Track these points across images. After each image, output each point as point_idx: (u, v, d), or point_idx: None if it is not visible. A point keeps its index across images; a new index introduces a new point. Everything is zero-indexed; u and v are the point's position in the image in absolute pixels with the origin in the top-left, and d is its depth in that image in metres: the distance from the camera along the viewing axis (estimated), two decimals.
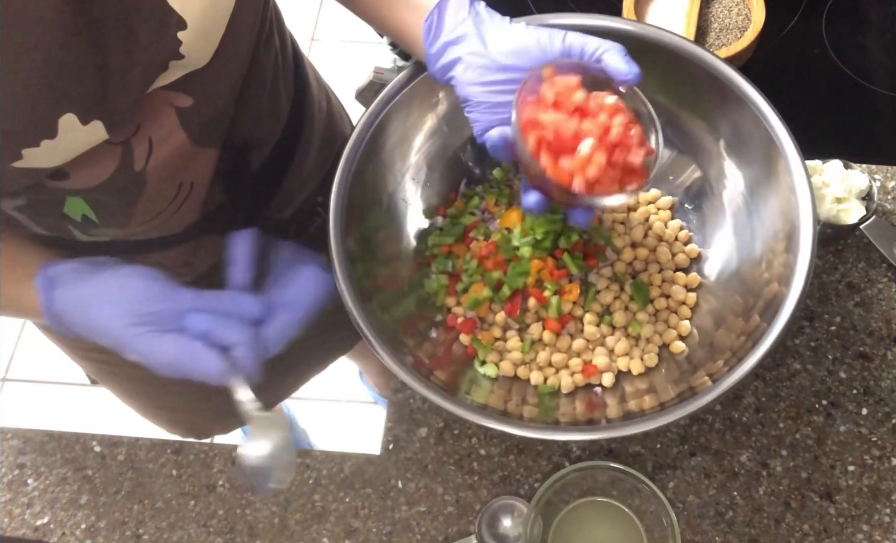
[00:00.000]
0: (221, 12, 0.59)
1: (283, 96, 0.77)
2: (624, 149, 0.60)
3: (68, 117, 0.53)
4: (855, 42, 1.03)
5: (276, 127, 0.77)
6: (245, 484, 0.81)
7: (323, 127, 0.88)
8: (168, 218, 0.70)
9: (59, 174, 0.59)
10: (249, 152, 0.73)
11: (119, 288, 0.60)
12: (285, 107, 0.78)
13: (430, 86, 0.76)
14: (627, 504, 0.73)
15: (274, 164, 0.78)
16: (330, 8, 2.18)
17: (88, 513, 0.81)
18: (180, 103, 0.62)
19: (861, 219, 0.82)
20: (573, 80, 0.61)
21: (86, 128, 0.55)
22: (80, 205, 0.64)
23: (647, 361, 0.74)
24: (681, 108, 0.75)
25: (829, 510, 0.76)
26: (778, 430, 0.79)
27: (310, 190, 0.86)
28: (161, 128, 0.62)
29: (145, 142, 0.61)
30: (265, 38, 0.70)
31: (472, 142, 0.83)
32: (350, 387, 1.73)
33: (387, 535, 0.78)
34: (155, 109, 0.61)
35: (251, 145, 0.73)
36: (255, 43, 0.68)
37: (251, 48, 0.67)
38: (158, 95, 0.60)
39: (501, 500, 0.76)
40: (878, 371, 0.80)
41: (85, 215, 0.65)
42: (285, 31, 0.79)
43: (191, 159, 0.66)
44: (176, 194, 0.68)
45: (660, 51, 0.72)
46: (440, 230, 0.82)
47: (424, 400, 0.82)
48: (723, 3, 1.02)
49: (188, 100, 0.62)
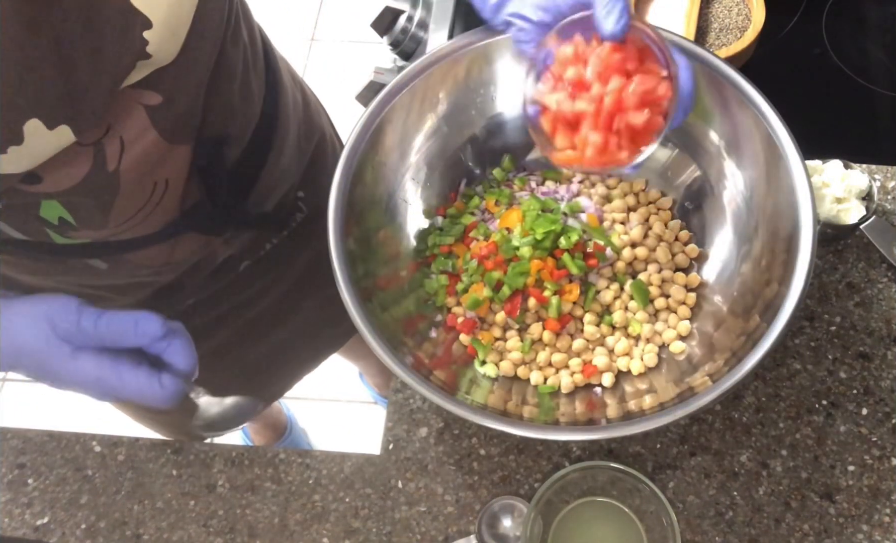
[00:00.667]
0: (187, 9, 0.59)
1: (255, 89, 0.76)
2: (623, 113, 0.59)
3: (33, 123, 0.52)
4: (855, 42, 1.03)
5: (249, 121, 0.76)
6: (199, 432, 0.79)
7: (299, 120, 0.88)
8: (145, 217, 0.69)
9: (32, 178, 0.58)
10: (223, 147, 0.73)
11: (31, 313, 0.59)
12: (258, 101, 0.77)
13: (431, 86, 0.76)
14: (627, 504, 0.73)
15: (250, 159, 0.78)
16: (330, 8, 2.18)
17: (88, 513, 0.81)
18: (149, 101, 0.61)
19: (861, 219, 0.82)
20: (567, 53, 0.60)
21: (52, 132, 0.54)
22: (55, 208, 0.63)
23: (647, 361, 0.74)
24: None
25: (829, 510, 0.76)
26: (778, 430, 0.79)
27: (289, 184, 0.86)
28: (132, 128, 0.61)
29: (117, 142, 0.61)
30: (232, 31, 0.70)
31: (472, 142, 0.83)
32: (350, 387, 1.73)
33: (387, 535, 0.78)
34: (124, 109, 0.60)
35: (225, 140, 0.73)
36: (223, 37, 0.67)
37: (218, 42, 0.66)
38: (127, 94, 0.59)
39: (501, 500, 0.76)
40: (878, 371, 0.80)
41: (62, 218, 0.65)
42: (253, 24, 0.78)
43: (164, 157, 0.66)
44: (152, 193, 0.68)
45: None
46: (440, 230, 0.82)
47: (424, 400, 0.82)
48: (723, 3, 1.02)
49: (157, 98, 0.61)
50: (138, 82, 0.59)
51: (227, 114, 0.72)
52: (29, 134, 0.53)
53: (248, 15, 0.77)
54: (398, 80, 0.74)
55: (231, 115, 0.73)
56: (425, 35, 1.09)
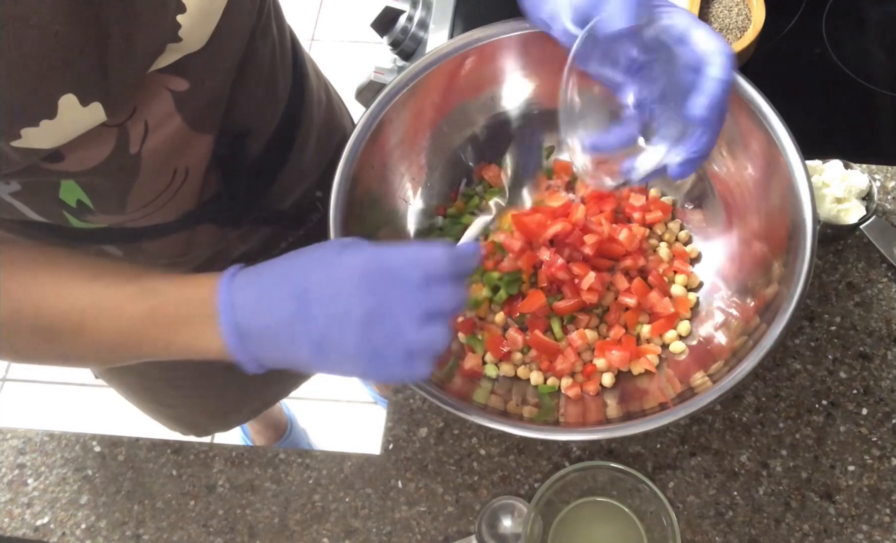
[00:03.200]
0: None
1: (281, 86, 0.76)
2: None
3: (68, 98, 0.53)
4: (855, 42, 1.03)
5: (273, 116, 0.77)
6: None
7: (322, 120, 0.88)
8: (163, 204, 0.69)
9: (54, 156, 0.58)
10: (246, 140, 0.73)
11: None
12: (283, 97, 0.77)
13: (431, 85, 0.76)
14: (627, 504, 0.73)
15: (271, 155, 0.78)
16: (330, 8, 2.18)
17: (88, 513, 0.81)
18: (176, 87, 0.61)
19: (861, 219, 0.82)
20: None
21: (85, 109, 0.54)
22: (75, 189, 0.63)
23: (647, 361, 0.74)
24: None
25: (829, 510, 0.76)
26: (778, 430, 0.79)
27: (308, 183, 0.86)
28: (157, 112, 0.61)
29: (141, 125, 0.61)
30: (262, 25, 0.70)
31: (472, 141, 0.83)
32: (350, 387, 1.73)
33: (387, 535, 0.78)
34: (151, 92, 0.60)
35: (248, 133, 0.73)
36: (252, 29, 0.68)
37: (247, 34, 0.66)
38: (154, 78, 0.60)
39: (501, 500, 0.76)
40: (878, 371, 0.80)
41: (80, 200, 0.65)
42: (284, 23, 0.79)
43: (186, 144, 0.66)
44: (171, 179, 0.68)
45: None
46: (440, 230, 0.82)
47: (424, 400, 0.82)
48: (723, 3, 1.02)
49: (184, 84, 0.62)
50: (167, 67, 0.60)
51: (251, 107, 0.72)
52: (63, 109, 0.53)
53: (280, 13, 0.77)
54: (398, 80, 0.74)
55: (256, 110, 0.73)
56: (425, 35, 1.09)
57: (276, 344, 0.55)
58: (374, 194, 0.76)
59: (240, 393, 1.08)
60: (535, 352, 0.75)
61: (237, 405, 1.12)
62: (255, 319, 0.55)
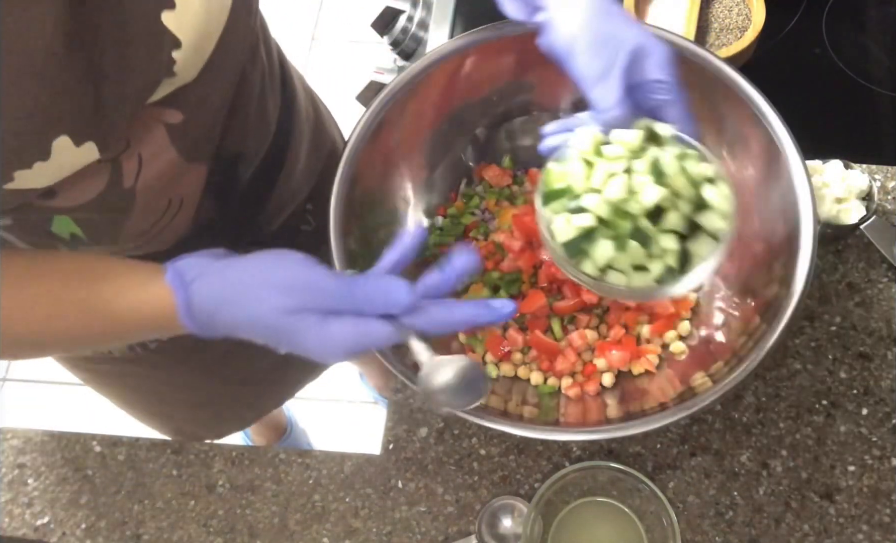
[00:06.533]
0: (214, 28, 0.59)
1: (271, 107, 0.76)
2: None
3: (62, 140, 0.52)
4: (855, 42, 1.03)
5: (264, 138, 0.76)
6: (430, 404, 0.74)
7: (311, 134, 0.87)
8: (158, 233, 0.69)
9: (47, 193, 0.57)
10: (238, 165, 0.73)
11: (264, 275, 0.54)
12: (273, 118, 0.77)
13: (431, 85, 0.76)
14: (627, 504, 0.73)
15: (263, 176, 0.77)
16: (330, 8, 2.17)
17: (88, 513, 0.81)
18: (171, 119, 0.61)
19: (861, 219, 0.82)
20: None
21: (79, 149, 0.54)
22: (67, 223, 0.63)
23: (647, 361, 0.74)
24: None
25: (829, 510, 0.76)
26: (778, 430, 0.79)
27: (299, 199, 0.86)
28: (151, 145, 0.61)
29: (135, 159, 0.61)
30: (253, 50, 0.70)
31: (472, 142, 0.83)
32: (350, 387, 1.73)
33: (387, 535, 0.78)
34: (145, 126, 0.60)
35: (240, 158, 0.72)
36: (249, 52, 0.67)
37: (241, 61, 0.66)
38: (149, 112, 0.59)
39: (501, 500, 0.76)
40: (878, 371, 0.80)
41: (73, 234, 0.64)
42: (271, 41, 0.78)
43: (181, 174, 0.65)
44: (166, 210, 0.67)
45: None
46: (440, 230, 0.82)
47: (424, 400, 0.82)
48: (723, 3, 1.02)
49: (178, 116, 0.61)
50: (160, 100, 0.59)
51: (244, 132, 0.71)
52: (57, 150, 0.52)
53: (267, 32, 0.77)
54: (398, 80, 0.74)
55: (248, 134, 0.72)
56: (425, 35, 1.09)
57: (218, 291, 0.54)
58: (374, 194, 0.76)
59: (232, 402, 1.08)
60: (535, 352, 0.75)
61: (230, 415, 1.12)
62: (198, 273, 0.54)
